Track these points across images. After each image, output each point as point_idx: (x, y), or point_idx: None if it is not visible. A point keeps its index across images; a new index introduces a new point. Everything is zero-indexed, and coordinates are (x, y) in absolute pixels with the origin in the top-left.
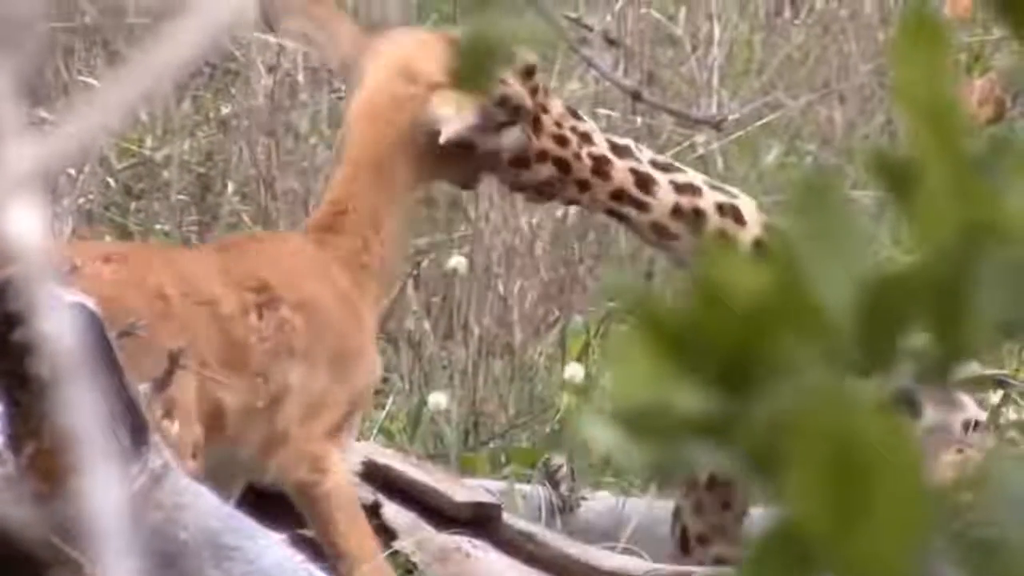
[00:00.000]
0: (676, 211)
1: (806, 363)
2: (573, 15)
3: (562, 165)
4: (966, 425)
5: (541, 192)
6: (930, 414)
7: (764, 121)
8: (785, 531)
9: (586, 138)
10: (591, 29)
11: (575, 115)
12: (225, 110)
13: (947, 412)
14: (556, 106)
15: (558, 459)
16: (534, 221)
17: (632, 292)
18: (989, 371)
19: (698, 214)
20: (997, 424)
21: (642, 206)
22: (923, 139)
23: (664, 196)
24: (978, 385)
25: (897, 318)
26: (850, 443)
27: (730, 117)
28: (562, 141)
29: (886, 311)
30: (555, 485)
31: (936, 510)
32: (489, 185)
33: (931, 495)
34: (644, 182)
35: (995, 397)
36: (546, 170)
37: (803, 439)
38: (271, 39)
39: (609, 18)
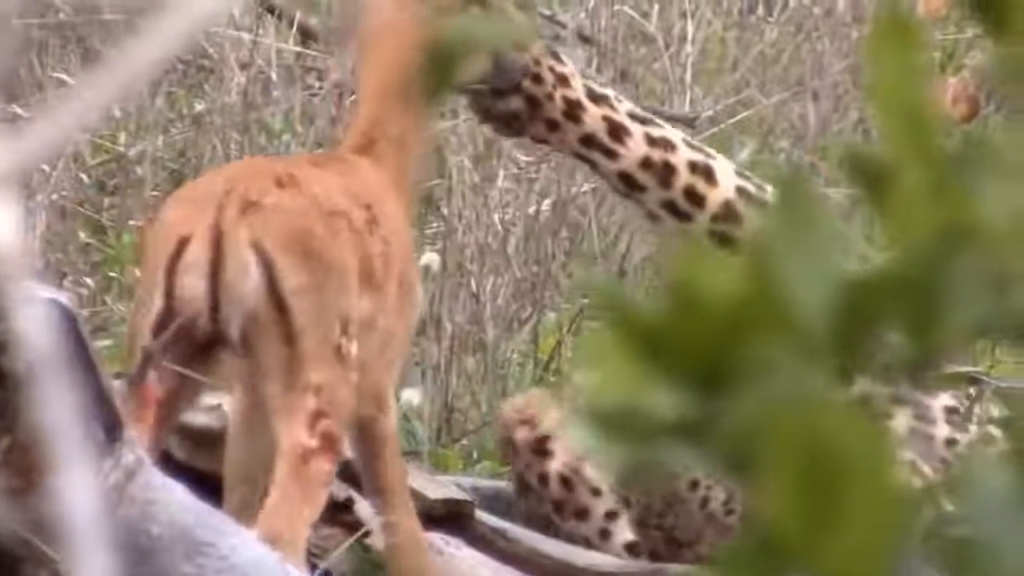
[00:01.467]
0: (646, 163)
1: (780, 364)
2: (547, 12)
3: (533, 102)
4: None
5: (509, 125)
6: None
7: (737, 119)
8: (759, 532)
9: (563, 80)
10: (565, 26)
11: (556, 57)
12: (198, 107)
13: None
14: (538, 44)
15: None
16: (507, 218)
17: (605, 289)
18: (962, 368)
19: (668, 168)
20: (971, 420)
21: (611, 154)
22: (897, 138)
23: (635, 147)
24: (952, 382)
25: (870, 318)
26: (824, 445)
27: (703, 114)
28: (537, 79)
29: (859, 311)
30: None
31: (910, 511)
32: (462, 183)
33: (905, 496)
34: (616, 130)
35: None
36: (516, 103)
37: (777, 441)
38: (244, 36)
39: (583, 15)
